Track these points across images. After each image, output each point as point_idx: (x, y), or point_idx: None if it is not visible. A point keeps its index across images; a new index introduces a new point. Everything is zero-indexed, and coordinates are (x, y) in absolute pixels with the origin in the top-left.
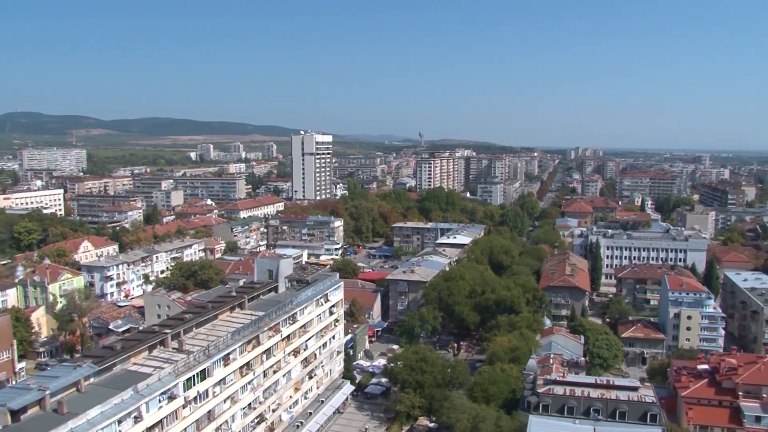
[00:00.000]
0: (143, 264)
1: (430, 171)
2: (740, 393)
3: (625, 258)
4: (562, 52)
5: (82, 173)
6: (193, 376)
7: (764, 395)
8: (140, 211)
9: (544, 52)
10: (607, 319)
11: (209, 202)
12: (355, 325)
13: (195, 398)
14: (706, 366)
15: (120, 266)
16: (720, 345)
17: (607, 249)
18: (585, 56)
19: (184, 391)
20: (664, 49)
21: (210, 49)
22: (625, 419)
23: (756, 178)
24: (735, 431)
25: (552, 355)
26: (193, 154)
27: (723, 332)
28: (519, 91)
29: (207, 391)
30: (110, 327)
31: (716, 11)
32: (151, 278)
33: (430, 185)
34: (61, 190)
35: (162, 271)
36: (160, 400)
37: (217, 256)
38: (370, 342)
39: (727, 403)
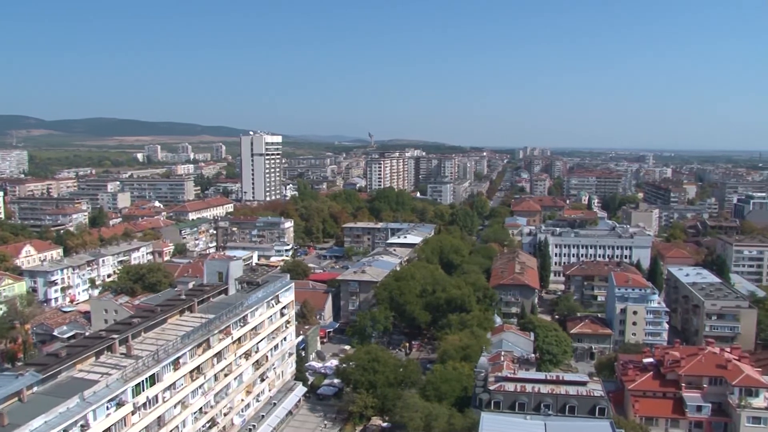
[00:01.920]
0: (89, 268)
1: (380, 171)
2: (683, 384)
3: (573, 255)
4: (507, 52)
5: (23, 175)
6: (142, 381)
7: (705, 386)
8: (85, 213)
9: (490, 53)
10: (556, 316)
11: (157, 204)
12: (306, 327)
13: (144, 404)
14: (651, 359)
15: (64, 270)
16: (664, 339)
17: (556, 247)
18: (530, 57)
19: (133, 397)
20: (608, 51)
21: (156, 47)
22: (575, 413)
23: (696, 177)
24: (678, 421)
25: (503, 353)
26: (140, 156)
27: (667, 326)
28: (467, 91)
29: (157, 396)
30: (55, 333)
31: (658, 11)
32: (98, 282)
33: (380, 185)
34: (1, 193)
35: (109, 275)
36: (107, 407)
37: (166, 258)
38: (322, 343)
39: (670, 395)
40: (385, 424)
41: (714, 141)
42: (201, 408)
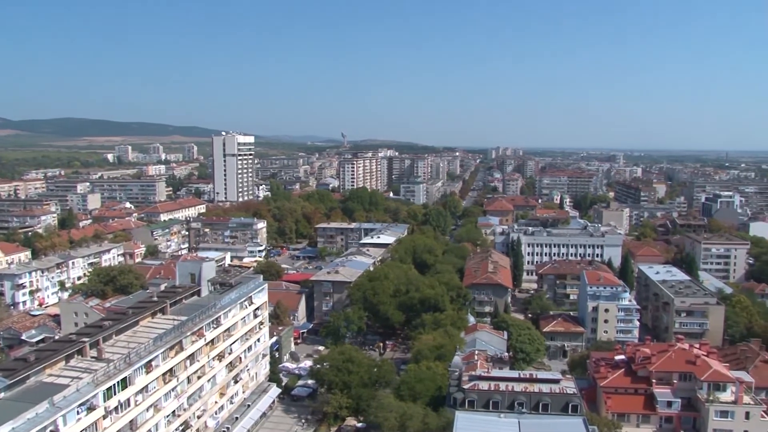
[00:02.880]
0: (58, 270)
1: (353, 171)
2: (654, 380)
3: (546, 254)
4: (478, 53)
5: None
6: (114, 385)
7: (675, 381)
8: (54, 215)
9: (460, 54)
10: (529, 315)
11: (128, 205)
12: (280, 327)
13: (116, 408)
14: (622, 356)
15: (33, 273)
16: (635, 336)
17: (528, 246)
18: (500, 59)
19: (104, 401)
20: (578, 52)
21: (127, 46)
22: (548, 411)
23: (666, 176)
24: (649, 417)
25: (476, 352)
26: (110, 156)
27: (638, 323)
28: (439, 91)
29: (129, 400)
30: (23, 338)
31: (629, 14)
32: (68, 285)
33: (353, 185)
34: None
35: (79, 278)
36: (78, 412)
37: (137, 260)
38: (296, 344)
39: (642, 391)
40: (359, 425)
41: (683, 141)
42: (174, 411)
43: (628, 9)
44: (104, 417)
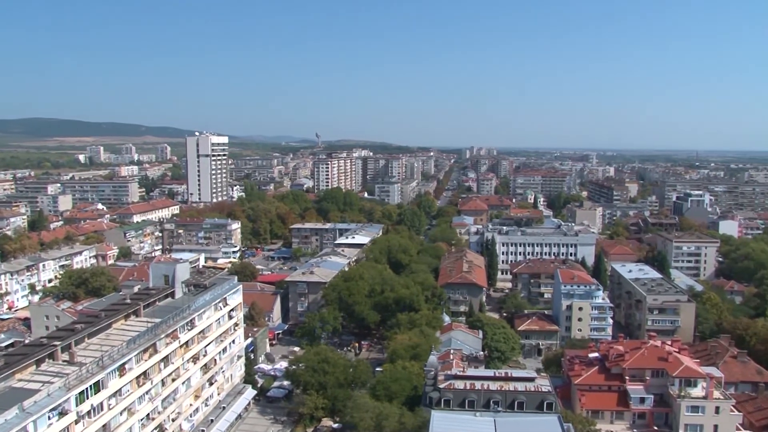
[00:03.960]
0: (28, 273)
1: (327, 171)
2: (627, 377)
3: (520, 254)
4: (451, 54)
5: None
6: (86, 389)
7: (647, 378)
8: (24, 217)
9: (434, 54)
10: (504, 314)
11: (100, 206)
12: (255, 329)
13: (89, 412)
14: (596, 354)
15: (2, 276)
16: (609, 333)
17: (503, 245)
18: (474, 59)
19: (77, 406)
20: (550, 53)
21: (98, 46)
22: (524, 409)
23: (638, 175)
24: (623, 413)
25: (452, 351)
26: (81, 157)
27: (611, 321)
28: (414, 91)
29: (102, 404)
30: None
31: (600, 15)
32: (38, 288)
33: (327, 186)
34: None
35: (50, 280)
36: (49, 417)
37: (110, 262)
38: (271, 345)
39: (615, 388)
40: (335, 425)
41: (654, 141)
42: (148, 414)
43: (600, 10)
44: (76, 422)
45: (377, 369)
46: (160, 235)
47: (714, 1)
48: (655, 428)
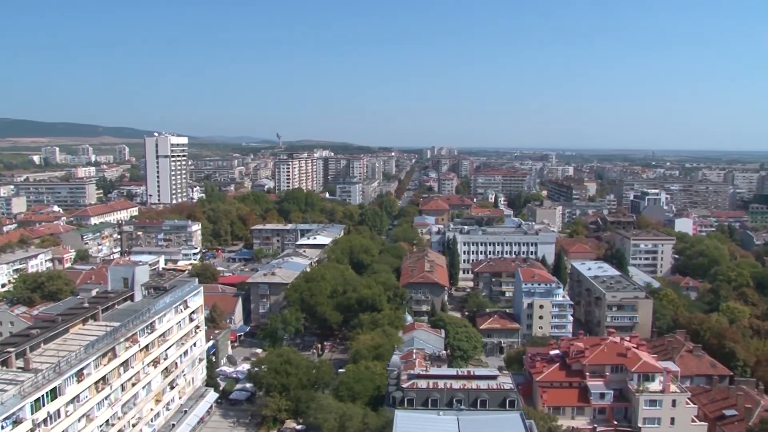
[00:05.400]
0: None
1: (288, 172)
2: (587, 373)
3: (481, 253)
4: (412, 54)
5: None
6: (42, 396)
7: (607, 374)
8: None
9: (394, 55)
10: (466, 313)
11: (56, 208)
12: (216, 331)
13: (45, 420)
14: (557, 351)
15: None
16: (569, 330)
17: (464, 245)
18: (435, 60)
19: (32, 414)
20: (508, 54)
21: (53, 44)
22: (486, 407)
23: (596, 175)
24: (583, 409)
25: (414, 350)
26: (36, 158)
27: (571, 318)
28: (374, 91)
29: (59, 411)
30: None
31: (556, 18)
32: None
33: (289, 186)
34: None
35: (3, 285)
36: (2, 426)
37: (67, 265)
38: (233, 347)
39: (576, 384)
40: (299, 427)
41: (612, 141)
42: (108, 420)
43: (556, 12)
44: (32, 430)
45: (340, 370)
46: (119, 237)
47: (666, 6)
48: (615, 422)
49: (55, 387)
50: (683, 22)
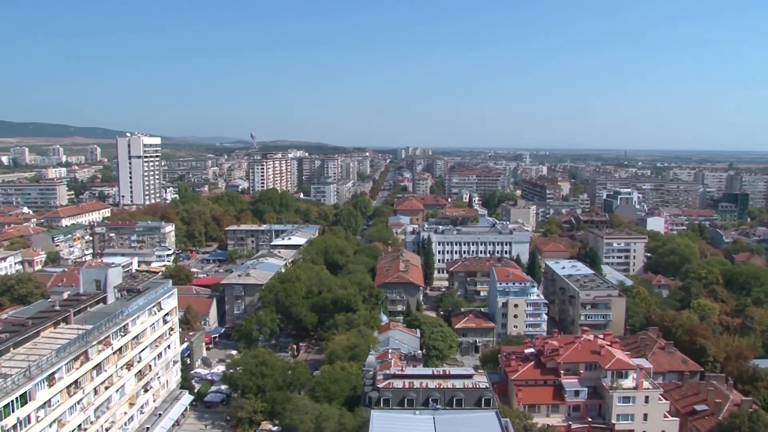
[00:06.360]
0: None
1: (263, 172)
2: (562, 371)
3: (456, 252)
4: (385, 54)
5: None
6: (12, 401)
7: (581, 371)
8: None
9: (369, 55)
10: (441, 312)
11: (26, 210)
12: (191, 333)
13: (15, 426)
14: (532, 349)
15: None
16: (544, 329)
17: (439, 244)
18: (407, 60)
19: (1, 420)
20: (484, 55)
21: (20, 40)
22: (462, 406)
23: (570, 174)
24: (558, 406)
25: (390, 350)
26: (5, 158)
27: (546, 317)
28: (349, 92)
29: (29, 416)
30: None
31: (534, 18)
32: None
33: (263, 187)
34: None
35: None
36: None
37: (37, 268)
38: (208, 349)
39: (551, 382)
40: (275, 428)
41: (585, 140)
42: (80, 425)
43: (532, 15)
44: None
45: (316, 371)
46: (91, 239)
47: (639, 6)
48: (589, 419)
49: (26, 392)
50: (654, 23)
